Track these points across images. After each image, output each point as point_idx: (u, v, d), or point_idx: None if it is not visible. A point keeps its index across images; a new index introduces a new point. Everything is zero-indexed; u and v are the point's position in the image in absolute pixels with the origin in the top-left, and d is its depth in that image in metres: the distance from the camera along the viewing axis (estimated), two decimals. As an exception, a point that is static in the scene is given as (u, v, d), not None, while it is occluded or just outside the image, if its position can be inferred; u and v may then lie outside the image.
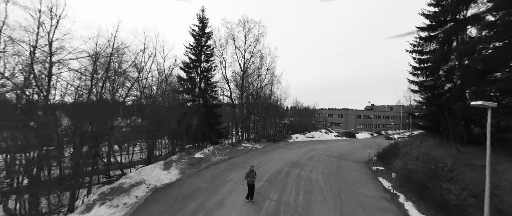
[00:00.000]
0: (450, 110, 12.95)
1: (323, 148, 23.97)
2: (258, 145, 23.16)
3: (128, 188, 8.44)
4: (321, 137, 36.00)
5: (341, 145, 27.45)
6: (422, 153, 13.68)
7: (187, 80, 20.00)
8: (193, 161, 13.75)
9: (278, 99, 33.40)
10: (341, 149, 23.68)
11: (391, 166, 14.76)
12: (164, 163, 12.27)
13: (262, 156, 16.80)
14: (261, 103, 31.57)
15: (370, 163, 17.31)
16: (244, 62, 25.54)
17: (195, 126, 18.80)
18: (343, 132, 46.00)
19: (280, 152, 19.09)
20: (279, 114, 35.74)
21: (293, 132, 36.79)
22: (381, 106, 74.75)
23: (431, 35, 15.08)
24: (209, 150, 17.81)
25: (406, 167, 12.87)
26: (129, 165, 16.26)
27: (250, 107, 27.68)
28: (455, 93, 12.98)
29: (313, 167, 14.21)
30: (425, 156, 12.78)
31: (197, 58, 20.67)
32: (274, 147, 21.97)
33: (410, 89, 17.56)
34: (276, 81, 27.09)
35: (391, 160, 16.19)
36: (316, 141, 30.43)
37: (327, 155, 19.09)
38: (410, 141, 17.78)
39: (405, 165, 13.30)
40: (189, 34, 20.32)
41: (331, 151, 22.05)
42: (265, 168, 13.02)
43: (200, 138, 19.92)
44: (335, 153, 20.64)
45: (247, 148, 20.56)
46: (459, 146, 11.51)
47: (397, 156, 16.43)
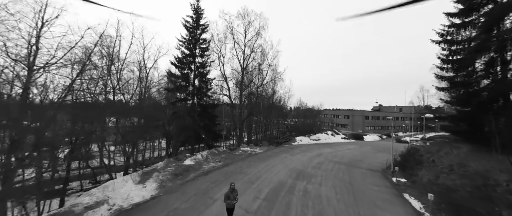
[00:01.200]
0: (496, 111, 10.51)
1: (331, 152, 21.60)
2: (259, 149, 20.99)
3: (80, 212, 6.40)
4: (327, 139, 33.54)
5: (350, 149, 24.99)
6: (456, 163, 11.26)
7: (180, 76, 18.01)
8: (179, 170, 11.69)
9: (281, 99, 31.20)
10: (350, 154, 21.26)
11: (416, 179, 12.35)
12: (141, 174, 10.24)
13: (262, 164, 14.62)
14: (263, 103, 29.42)
15: (387, 172, 14.92)
16: (244, 58, 23.44)
17: (188, 127, 16.77)
18: (350, 134, 43.37)
19: (282, 158, 16.87)
20: (282, 114, 33.50)
21: (297, 134, 34.46)
22: (389, 107, 71.44)
23: (464, 21, 12.61)
24: (202, 155, 15.75)
25: (437, 182, 10.49)
26: (108, 171, 14.33)
27: (251, 107, 25.55)
28: (503, 89, 10.49)
29: (322, 178, 11.94)
30: (462, 168, 10.36)
31: (191, 52, 18.66)
32: (276, 152, 19.75)
33: (435, 87, 15.05)
34: (278, 79, 24.87)
35: (414, 170, 13.76)
36: (322, 144, 28.03)
37: (336, 162, 16.76)
38: (435, 147, 15.29)
39: (436, 178, 10.90)
40: (182, 26, 18.33)
41: (340, 156, 19.67)
42: (264, 180, 10.84)
43: (194, 141, 17.88)
44: (345, 159, 18.27)
45: (245, 153, 18.42)
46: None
47: (420, 165, 13.99)
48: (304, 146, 25.44)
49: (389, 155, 23.95)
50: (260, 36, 22.93)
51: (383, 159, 19.77)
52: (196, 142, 18.03)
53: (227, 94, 23.95)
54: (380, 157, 21.15)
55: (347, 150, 24.61)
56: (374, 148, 27.68)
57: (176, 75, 17.81)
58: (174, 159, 13.95)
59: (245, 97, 25.08)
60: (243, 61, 23.43)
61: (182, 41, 18.22)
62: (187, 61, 18.29)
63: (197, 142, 18.19)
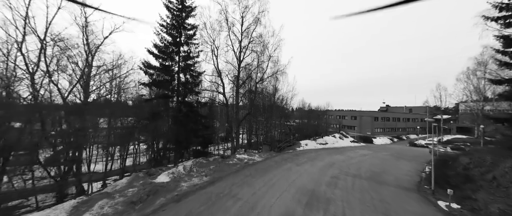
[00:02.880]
0: None
1: (344, 161, 18.10)
2: (257, 156, 17.57)
3: None
4: (335, 143, 29.99)
5: (365, 156, 21.43)
6: None
7: (160, 68, 14.70)
8: (143, 193, 8.32)
9: (283, 98, 27.77)
10: (367, 163, 17.73)
11: (474, 204, 8.82)
12: (76, 204, 6.86)
13: (260, 179, 11.21)
14: (263, 102, 26.02)
15: (425, 191, 11.39)
16: (241, 50, 20.09)
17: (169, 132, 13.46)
18: (358, 137, 39.72)
19: (286, 170, 13.44)
20: (284, 115, 30.08)
21: (301, 136, 30.97)
22: (397, 107, 67.54)
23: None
24: (185, 167, 12.39)
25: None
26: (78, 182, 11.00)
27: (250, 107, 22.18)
28: None
29: (344, 205, 8.49)
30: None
31: (175, 40, 15.36)
32: (279, 161, 16.32)
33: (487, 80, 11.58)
34: (281, 73, 21.32)
35: (462, 189, 10.23)
36: (331, 149, 24.51)
37: (354, 175, 13.27)
38: (486, 157, 11.69)
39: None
40: (163, 6, 15.02)
41: (356, 166, 16.17)
42: (262, 211, 7.43)
43: (179, 148, 14.56)
44: (364, 170, 14.77)
45: (241, 162, 15.03)
46: None
47: (472, 183, 10.46)
48: (310, 151, 21.96)
49: (411, 163, 20.40)
50: (259, 23, 19.59)
51: (408, 170, 16.29)
52: (180, 148, 14.68)
53: (222, 91, 20.61)
54: (403, 166, 17.63)
55: (361, 156, 21.08)
56: (391, 154, 24.08)
57: (156, 67, 14.51)
58: (144, 173, 10.59)
59: (242, 95, 21.71)
60: (239, 53, 20.09)
61: (163, 25, 14.92)
62: (169, 50, 14.98)
63: (182, 148, 14.85)
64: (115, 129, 16.39)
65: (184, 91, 14.96)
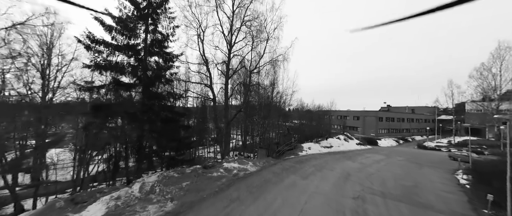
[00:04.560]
0: None
1: (359, 170, 14.55)
2: (251, 164, 13.79)
3: None
4: (340, 146, 26.48)
5: (380, 163, 17.95)
6: None
7: (115, 46, 10.75)
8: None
9: (282, 94, 24.13)
10: (390, 173, 14.20)
11: None
12: None
13: (251, 207, 7.44)
14: (259, 98, 22.31)
15: (482, 213, 7.89)
16: (232, 32, 16.34)
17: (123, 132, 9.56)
18: (363, 138, 36.44)
19: (290, 188, 9.71)
20: (283, 114, 26.44)
21: (302, 138, 27.37)
22: (399, 107, 64.97)
23: None
24: (142, 187, 8.51)
25: None
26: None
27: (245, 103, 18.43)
28: None
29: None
30: None
31: (140, 12, 11.45)
32: (278, 171, 12.60)
33: None
34: (282, 59, 17.18)
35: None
36: (338, 154, 20.96)
37: (383, 194, 9.64)
38: None
39: None
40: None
41: (378, 178, 12.58)
42: None
43: (140, 156, 10.60)
44: (391, 185, 11.18)
45: (229, 174, 11.24)
46: None
47: None
48: (315, 157, 18.32)
49: (437, 171, 16.97)
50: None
51: (441, 182, 12.98)
52: (142, 156, 10.72)
53: (209, 83, 16.78)
54: (431, 176, 14.27)
55: (376, 163, 17.57)
56: (407, 160, 20.70)
57: (112, 45, 10.54)
58: (67, 201, 6.65)
59: (234, 89, 17.92)
60: (230, 36, 16.33)
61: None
62: (131, 21, 11.04)
63: (145, 157, 10.91)
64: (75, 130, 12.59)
65: (150, 79, 11.04)
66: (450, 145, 35.45)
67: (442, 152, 29.71)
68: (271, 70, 19.70)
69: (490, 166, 13.54)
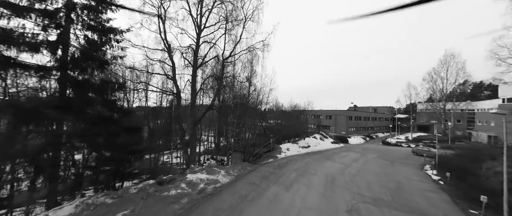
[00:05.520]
0: None
1: (341, 171, 13.55)
2: (223, 173, 11.31)
3: None
4: (317, 145, 26.07)
5: (358, 162, 17.62)
6: None
7: (21, 9, 6.95)
8: None
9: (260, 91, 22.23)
10: (371, 173, 13.57)
11: None
12: None
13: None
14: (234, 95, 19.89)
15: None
16: (201, 13, 13.52)
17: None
18: (336, 137, 37.52)
19: (272, 206, 7.65)
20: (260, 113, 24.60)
21: (280, 138, 26.04)
22: (364, 107, 70.76)
23: None
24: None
25: None
26: None
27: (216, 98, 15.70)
28: None
29: None
30: None
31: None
32: (256, 181, 10.47)
33: None
34: (262, 48, 14.94)
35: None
36: (317, 155, 20.11)
37: (376, 202, 8.43)
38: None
39: None
40: None
41: (363, 181, 11.63)
42: None
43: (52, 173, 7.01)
44: (377, 189, 10.23)
45: (194, 190, 8.54)
46: None
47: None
48: (295, 159, 16.88)
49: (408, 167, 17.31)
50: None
51: (419, 180, 12.75)
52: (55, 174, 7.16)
53: (171, 75, 13.59)
54: (407, 174, 14.28)
55: (354, 162, 17.12)
56: (379, 157, 21.18)
57: (9, 4, 6.70)
58: None
59: (204, 83, 15.11)
60: (200, 17, 13.48)
61: None
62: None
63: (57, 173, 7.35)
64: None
65: (74, 60, 7.51)
66: (408, 140, 39.27)
67: (403, 148, 32.37)
68: (248, 65, 17.48)
69: (457, 162, 14.19)
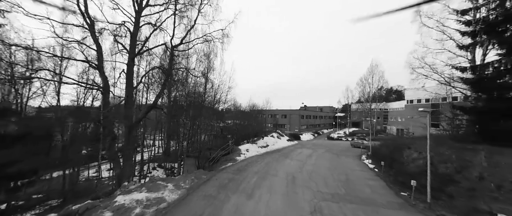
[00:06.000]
0: None
1: (299, 169, 13.86)
2: (171, 187, 9.20)
3: None
4: (275, 144, 26.63)
5: (311, 157, 18.81)
6: None
7: None
8: None
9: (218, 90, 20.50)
10: (323, 168, 14.52)
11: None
12: None
13: None
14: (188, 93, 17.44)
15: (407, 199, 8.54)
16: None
17: None
18: (290, 134, 40.05)
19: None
20: (217, 113, 22.86)
21: (239, 139, 25.03)
22: (312, 107, 79.57)
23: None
24: None
25: None
26: None
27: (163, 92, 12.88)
28: None
29: None
30: None
31: None
32: (213, 192, 8.97)
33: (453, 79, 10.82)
34: (221, 39, 12.54)
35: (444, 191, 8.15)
36: (276, 153, 20.28)
37: (333, 197, 8.65)
38: (447, 151, 10.77)
39: None
40: None
41: (319, 177, 12.15)
42: None
43: None
44: (333, 183, 10.80)
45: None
46: None
47: (452, 183, 8.71)
48: (256, 161, 16.23)
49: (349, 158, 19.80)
50: None
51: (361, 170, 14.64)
52: None
53: (96, 63, 10.11)
54: (350, 164, 16.48)
55: (309, 158, 18.17)
56: (327, 151, 23.59)
57: None
58: None
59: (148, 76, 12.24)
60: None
61: None
62: None
63: None
64: None
65: None
66: (346, 135, 46.43)
67: (343, 142, 37.96)
68: (205, 58, 15.47)
69: (384, 151, 17.23)
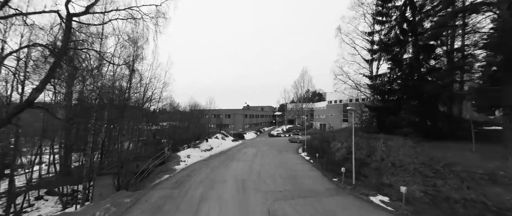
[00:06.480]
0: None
1: (248, 170, 13.41)
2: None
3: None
4: (220, 146, 25.17)
5: (257, 156, 19.01)
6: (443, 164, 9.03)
7: None
8: None
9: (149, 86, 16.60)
10: (270, 166, 14.84)
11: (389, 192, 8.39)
12: None
13: None
14: (101, 89, 12.93)
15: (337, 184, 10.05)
16: None
17: None
18: (234, 134, 39.76)
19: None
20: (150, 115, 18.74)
21: (177, 144, 21.59)
22: (254, 106, 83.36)
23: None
24: None
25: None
26: None
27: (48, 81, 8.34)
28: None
29: None
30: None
31: None
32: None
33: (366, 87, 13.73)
34: (154, 20, 8.34)
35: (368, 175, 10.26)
36: (222, 156, 18.95)
37: (285, 197, 8.67)
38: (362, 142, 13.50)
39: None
40: None
41: (268, 176, 12.16)
42: None
43: None
44: (281, 181, 11.06)
45: None
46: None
47: (366, 166, 11.00)
48: (199, 167, 14.24)
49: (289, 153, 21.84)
50: None
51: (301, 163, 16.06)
52: None
53: None
54: (292, 159, 17.94)
55: (255, 157, 18.21)
56: (270, 148, 24.87)
57: None
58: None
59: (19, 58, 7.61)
60: None
61: None
62: None
63: None
64: None
65: None
66: (283, 131, 51.66)
67: (282, 138, 41.94)
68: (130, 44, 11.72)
69: (316, 144, 20.05)
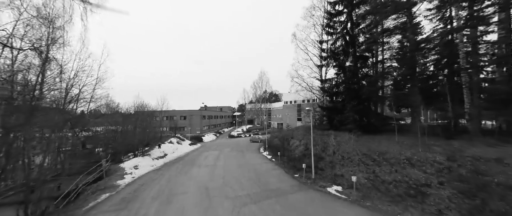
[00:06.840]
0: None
1: (210, 176, 12.48)
2: None
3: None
4: (176, 151, 22.56)
5: (220, 160, 18.11)
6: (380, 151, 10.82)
7: None
8: None
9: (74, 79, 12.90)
10: (234, 169, 14.38)
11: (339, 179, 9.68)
12: None
13: None
14: None
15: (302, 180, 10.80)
16: None
17: None
18: (192, 137, 36.83)
19: None
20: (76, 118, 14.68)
21: (120, 153, 17.81)
22: (212, 107, 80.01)
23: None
24: None
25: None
26: None
27: None
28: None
29: None
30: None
31: None
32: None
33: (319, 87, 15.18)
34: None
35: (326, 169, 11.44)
36: (179, 162, 16.89)
37: (253, 199, 8.47)
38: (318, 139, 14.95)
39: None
40: None
41: (233, 181, 11.67)
42: None
43: None
44: (247, 183, 10.85)
45: None
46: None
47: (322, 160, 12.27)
48: (151, 179, 12.10)
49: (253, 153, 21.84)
50: None
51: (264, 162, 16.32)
52: None
53: None
54: (255, 159, 17.85)
55: (218, 161, 17.26)
56: (232, 149, 24.30)
57: None
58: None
59: None
60: None
61: None
62: None
63: None
64: None
65: None
66: (244, 132, 51.89)
67: (242, 138, 41.96)
68: (43, 24, 8.57)
69: (277, 143, 21.01)
